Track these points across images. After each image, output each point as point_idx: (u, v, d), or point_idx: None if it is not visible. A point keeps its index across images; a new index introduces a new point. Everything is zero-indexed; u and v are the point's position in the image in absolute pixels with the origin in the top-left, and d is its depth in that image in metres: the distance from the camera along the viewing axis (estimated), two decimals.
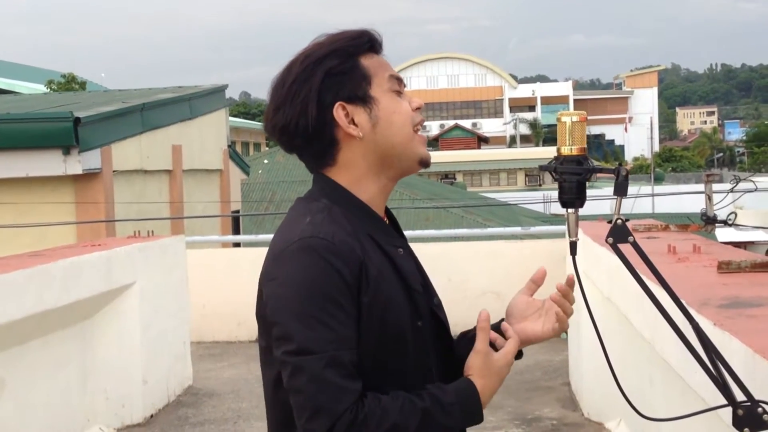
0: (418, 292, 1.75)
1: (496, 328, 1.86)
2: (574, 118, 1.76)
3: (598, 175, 1.80)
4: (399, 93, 1.80)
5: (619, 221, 1.72)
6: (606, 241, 1.74)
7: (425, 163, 1.81)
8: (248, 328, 9.27)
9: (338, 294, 1.61)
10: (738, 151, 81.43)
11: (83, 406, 5.98)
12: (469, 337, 1.86)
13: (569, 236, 1.81)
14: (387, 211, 1.86)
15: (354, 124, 1.74)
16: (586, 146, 1.78)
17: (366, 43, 1.79)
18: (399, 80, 1.80)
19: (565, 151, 1.75)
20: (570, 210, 1.77)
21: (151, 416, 6.53)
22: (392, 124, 1.76)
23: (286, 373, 1.62)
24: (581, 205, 1.77)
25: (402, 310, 1.70)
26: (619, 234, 1.72)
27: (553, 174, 1.76)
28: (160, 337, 6.74)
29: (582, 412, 6.39)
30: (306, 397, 1.59)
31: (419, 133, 1.81)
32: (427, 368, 1.75)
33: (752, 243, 20.10)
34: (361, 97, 1.74)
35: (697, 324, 1.71)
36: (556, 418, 6.37)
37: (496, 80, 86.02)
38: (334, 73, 1.73)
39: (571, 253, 1.81)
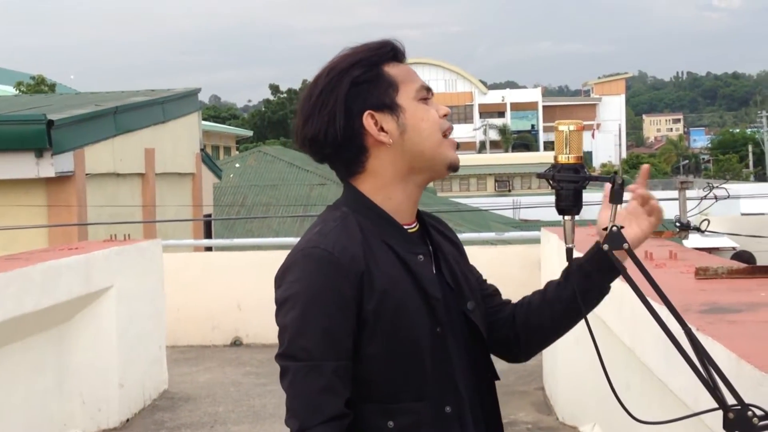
0: (436, 299, 1.76)
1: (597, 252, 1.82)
2: (572, 127, 1.79)
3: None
4: (426, 100, 1.83)
5: (614, 228, 1.76)
6: (601, 247, 1.77)
7: (454, 167, 1.84)
8: (223, 332, 9.27)
9: (332, 305, 1.67)
10: (703, 159, 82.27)
11: (60, 410, 5.94)
12: (574, 270, 1.85)
13: (566, 243, 1.82)
14: (420, 217, 1.88)
15: (383, 131, 1.78)
16: (582, 155, 1.81)
17: (389, 52, 1.83)
18: (426, 89, 1.84)
19: (563, 159, 1.78)
20: (567, 217, 1.79)
21: (127, 420, 6.51)
22: (421, 131, 1.79)
23: (280, 373, 1.72)
24: (578, 213, 1.79)
25: (417, 316, 1.72)
26: (614, 241, 1.76)
27: (551, 182, 1.79)
28: (137, 340, 6.72)
29: (557, 416, 6.44)
30: (287, 399, 1.69)
31: (449, 137, 1.84)
32: (448, 375, 1.76)
33: (717, 249, 20.34)
34: (389, 105, 1.78)
35: (690, 329, 1.74)
36: (531, 422, 6.41)
37: (466, 86, 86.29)
38: (359, 82, 1.77)
39: (567, 260, 1.84)
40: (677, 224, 5.89)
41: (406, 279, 1.74)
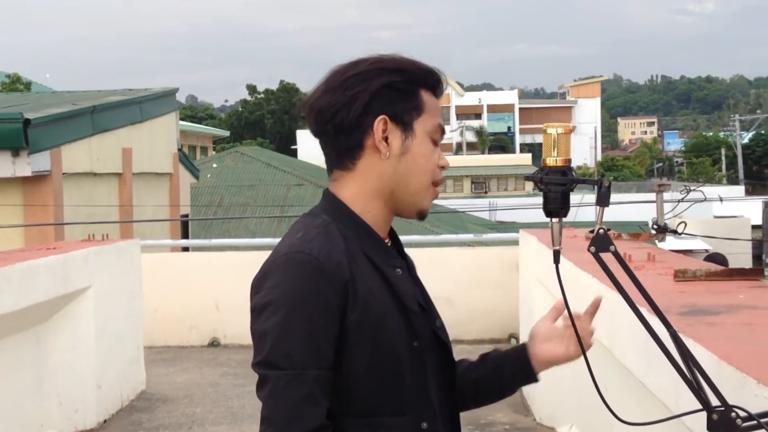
0: (414, 312, 1.76)
1: (518, 352, 1.97)
2: (560, 130, 1.79)
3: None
4: (435, 144, 1.82)
5: (601, 231, 1.75)
6: (588, 250, 1.77)
7: (422, 216, 1.84)
8: (200, 332, 9.25)
9: (315, 312, 1.63)
10: (677, 161, 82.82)
11: (37, 411, 5.90)
12: (490, 359, 1.97)
13: (554, 245, 1.83)
14: (392, 233, 1.87)
15: (386, 142, 1.76)
16: (570, 157, 1.81)
17: (434, 81, 1.82)
18: (442, 131, 1.84)
19: (551, 161, 1.77)
20: (554, 220, 1.80)
21: (105, 421, 6.48)
22: (417, 164, 1.78)
23: (256, 382, 1.67)
24: (565, 215, 1.80)
25: (396, 329, 1.71)
26: (601, 243, 1.76)
27: (539, 184, 1.79)
28: (115, 341, 6.69)
29: (534, 417, 6.47)
30: (265, 409, 1.64)
31: (435, 189, 1.84)
32: (424, 389, 1.75)
33: (691, 251, 20.51)
34: (405, 122, 1.77)
35: (675, 331, 1.74)
36: (508, 423, 6.44)
37: None
38: (393, 88, 1.76)
39: (555, 262, 1.85)
40: (654, 227, 5.95)
41: (385, 291, 1.72)
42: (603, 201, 1.76)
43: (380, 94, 1.74)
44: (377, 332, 1.68)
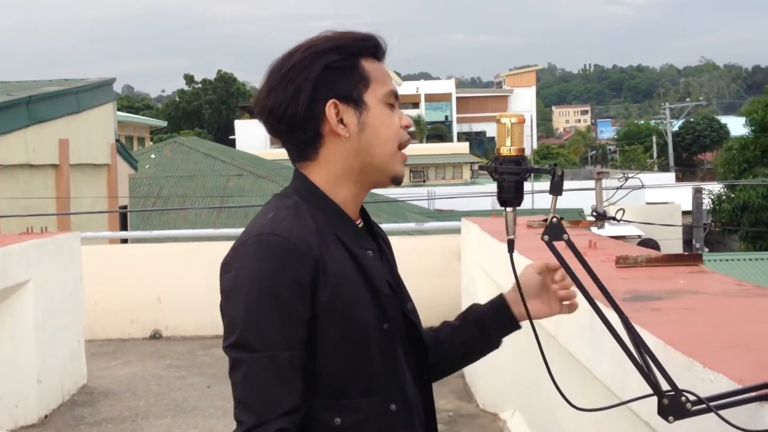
0: (384, 294, 1.75)
1: (499, 307, 1.97)
2: (513, 120, 1.80)
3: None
4: (392, 107, 1.80)
5: (554, 219, 1.77)
6: (542, 238, 1.78)
7: (398, 181, 1.82)
8: (141, 325, 9.15)
9: (287, 293, 1.61)
10: (610, 149, 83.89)
11: None
12: (472, 319, 1.97)
13: (508, 234, 1.83)
14: (363, 213, 1.87)
15: (342, 123, 1.74)
16: (524, 147, 1.83)
17: (371, 47, 1.79)
18: (395, 95, 1.81)
19: (504, 151, 1.78)
20: (509, 209, 1.80)
21: (46, 416, 6.39)
22: (379, 134, 1.77)
23: (229, 365, 1.64)
24: (519, 204, 1.81)
25: (366, 311, 1.70)
26: (554, 232, 1.77)
27: (493, 174, 1.79)
28: (55, 335, 6.59)
29: (477, 403, 6.53)
30: (240, 392, 1.61)
31: (403, 151, 1.82)
32: (393, 371, 1.75)
33: (624, 237, 20.90)
34: (355, 99, 1.75)
35: (627, 318, 1.78)
36: (452, 409, 6.49)
37: None
38: (333, 68, 1.73)
39: (509, 251, 1.84)
40: (594, 214, 6.03)
41: (356, 273, 1.71)
42: (556, 190, 1.77)
43: (322, 78, 1.73)
44: (347, 314, 1.67)
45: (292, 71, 1.74)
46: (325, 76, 1.73)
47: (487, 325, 1.97)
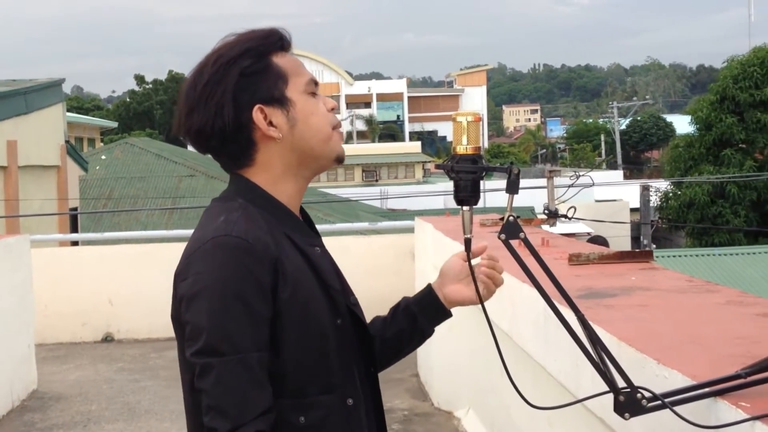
0: (335, 290, 1.76)
1: (428, 296, 1.96)
2: (470, 119, 1.80)
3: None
4: (314, 94, 1.80)
5: (511, 218, 1.77)
6: (498, 237, 1.78)
7: (341, 159, 1.83)
8: (93, 328, 9.04)
9: (250, 294, 1.60)
10: (559, 148, 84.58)
11: None
12: (401, 311, 1.97)
13: (464, 233, 1.84)
14: (301, 210, 1.87)
15: (272, 125, 1.74)
16: (480, 145, 1.83)
17: (277, 41, 1.78)
18: (314, 82, 1.80)
19: (461, 150, 1.78)
20: (465, 208, 1.81)
21: None
22: (310, 125, 1.77)
23: (196, 373, 1.61)
24: (476, 203, 1.81)
25: (321, 308, 1.71)
26: (511, 231, 1.77)
27: (450, 173, 1.79)
28: (4, 340, 6.50)
29: (432, 402, 6.56)
30: (212, 398, 1.58)
31: (338, 130, 1.83)
32: (348, 366, 1.77)
33: (574, 234, 21.13)
34: (278, 99, 1.74)
35: (583, 316, 1.80)
36: (407, 408, 6.51)
37: (332, 77, 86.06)
38: (248, 73, 1.72)
39: (466, 250, 1.86)
40: (546, 212, 6.11)
41: (308, 270, 1.72)
42: (512, 189, 1.77)
43: (240, 86, 1.71)
44: (305, 311, 1.68)
45: (208, 86, 1.72)
46: (243, 83, 1.72)
47: (416, 314, 1.97)
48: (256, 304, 1.61)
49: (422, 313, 1.96)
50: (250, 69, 1.73)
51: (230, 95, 1.71)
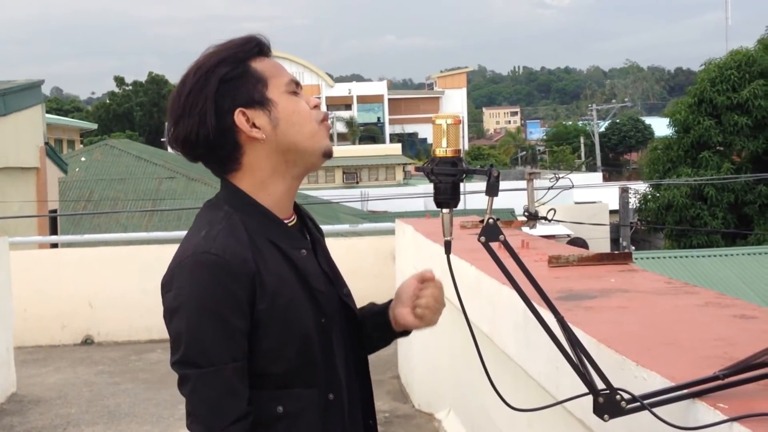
0: (320, 292, 1.81)
1: (382, 312, 2.00)
2: (449, 121, 1.81)
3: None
4: (296, 94, 1.84)
5: (491, 220, 1.77)
6: (479, 239, 1.78)
7: (329, 154, 1.87)
8: (72, 331, 9.00)
9: (226, 309, 1.68)
10: (539, 150, 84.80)
11: None
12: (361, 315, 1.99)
13: (444, 235, 1.85)
14: (297, 209, 1.91)
15: (255, 127, 1.78)
16: (460, 148, 1.84)
17: (254, 47, 1.83)
18: (295, 82, 1.85)
19: (440, 152, 1.79)
20: (445, 210, 1.81)
21: None
22: (293, 123, 1.81)
23: (177, 380, 1.73)
24: (455, 205, 1.82)
25: (305, 310, 1.77)
26: (490, 233, 1.78)
27: (429, 175, 1.80)
28: None
29: (413, 403, 6.58)
30: (190, 405, 1.70)
31: (325, 122, 1.87)
32: (331, 364, 1.82)
33: (554, 236, 21.20)
34: (259, 101, 1.79)
35: (563, 318, 1.81)
36: (388, 410, 6.52)
37: (313, 79, 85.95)
38: (227, 80, 1.78)
39: (446, 253, 1.86)
40: (526, 214, 6.12)
41: (292, 275, 1.77)
42: (492, 191, 1.77)
43: (221, 93, 1.77)
44: (287, 316, 1.74)
45: (190, 96, 1.78)
46: (223, 90, 1.78)
47: (370, 330, 2.01)
48: (231, 319, 1.69)
49: (375, 330, 2.01)
50: (229, 75, 1.79)
51: (212, 102, 1.77)
